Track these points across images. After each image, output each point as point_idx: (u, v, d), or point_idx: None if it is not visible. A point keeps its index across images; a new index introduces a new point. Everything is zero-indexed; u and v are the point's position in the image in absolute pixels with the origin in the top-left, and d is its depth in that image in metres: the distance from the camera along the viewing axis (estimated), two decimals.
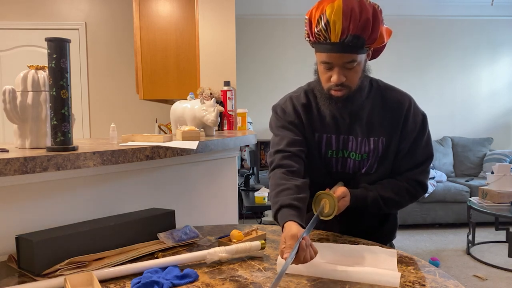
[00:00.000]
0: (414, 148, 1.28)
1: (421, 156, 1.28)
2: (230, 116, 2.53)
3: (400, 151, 1.27)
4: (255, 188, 3.40)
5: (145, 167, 1.39)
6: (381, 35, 1.17)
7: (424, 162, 1.29)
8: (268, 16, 5.20)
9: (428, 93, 5.41)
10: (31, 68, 1.16)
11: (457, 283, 0.88)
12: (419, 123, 1.28)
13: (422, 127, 1.28)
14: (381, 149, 1.25)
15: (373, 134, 1.25)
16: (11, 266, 0.97)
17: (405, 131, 1.26)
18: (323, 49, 1.15)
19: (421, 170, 1.28)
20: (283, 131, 1.30)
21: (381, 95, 1.28)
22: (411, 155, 1.28)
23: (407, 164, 1.28)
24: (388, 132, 1.25)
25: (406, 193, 1.27)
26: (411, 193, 1.28)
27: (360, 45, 1.12)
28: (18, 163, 0.90)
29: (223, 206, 1.85)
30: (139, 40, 3.01)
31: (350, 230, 1.32)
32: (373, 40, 1.14)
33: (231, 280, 0.90)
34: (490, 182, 3.69)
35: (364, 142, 1.26)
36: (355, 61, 1.14)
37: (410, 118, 1.26)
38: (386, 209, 1.28)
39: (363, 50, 1.15)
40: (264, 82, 5.20)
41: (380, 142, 1.25)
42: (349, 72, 1.16)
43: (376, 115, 1.26)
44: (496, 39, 5.42)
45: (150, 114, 4.54)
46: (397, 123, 1.26)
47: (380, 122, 1.26)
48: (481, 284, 3.08)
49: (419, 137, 1.28)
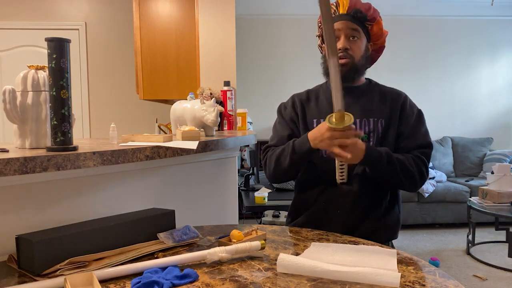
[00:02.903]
0: (414, 132, 1.36)
1: (421, 140, 1.36)
2: (230, 116, 2.53)
3: (401, 134, 1.36)
4: (255, 188, 3.40)
5: (145, 167, 1.39)
6: (379, 22, 1.40)
7: (425, 146, 1.35)
8: (268, 16, 5.20)
9: (428, 93, 5.41)
10: (31, 68, 1.16)
11: (457, 283, 0.88)
12: (416, 113, 1.39)
13: (419, 117, 1.39)
14: (380, 130, 1.35)
15: (372, 115, 1.36)
16: (11, 266, 0.97)
17: (404, 116, 1.37)
18: (334, 21, 1.36)
19: (423, 151, 1.34)
20: (280, 127, 1.47)
21: (379, 89, 1.44)
22: (412, 137, 1.36)
23: (410, 144, 1.35)
24: (387, 114, 1.37)
25: (413, 162, 1.31)
26: (418, 165, 1.31)
27: (363, 19, 1.37)
28: (18, 163, 0.90)
29: (223, 206, 1.85)
30: (139, 40, 3.00)
31: (356, 225, 1.36)
32: (373, 19, 1.38)
33: (231, 280, 0.90)
34: (490, 182, 3.69)
35: (364, 122, 1.36)
36: (358, 32, 1.36)
37: (407, 107, 1.39)
38: (398, 167, 1.28)
39: (365, 27, 1.38)
40: (264, 82, 5.20)
41: (380, 123, 1.35)
42: (353, 43, 1.36)
43: (375, 101, 1.39)
44: (495, 39, 5.42)
45: (150, 114, 4.54)
46: (395, 108, 1.38)
47: (379, 106, 1.38)
48: (481, 284, 3.08)
49: (417, 124, 1.37)
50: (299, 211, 1.47)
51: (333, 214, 1.38)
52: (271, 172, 1.41)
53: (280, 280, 0.89)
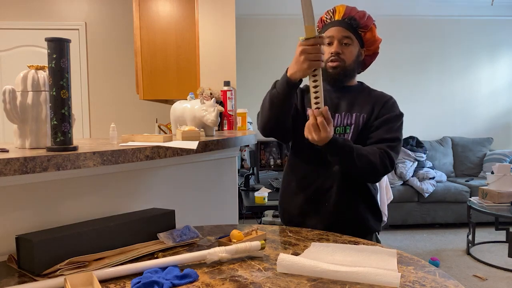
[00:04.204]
0: (386, 124, 1.42)
1: (391, 133, 1.41)
2: (230, 116, 2.53)
3: (373, 126, 1.43)
4: (255, 188, 3.40)
5: (145, 167, 1.39)
6: (373, 30, 1.48)
7: (393, 139, 1.41)
8: (268, 16, 5.20)
9: (428, 93, 5.41)
10: (31, 68, 1.16)
11: (457, 283, 0.88)
12: (396, 112, 1.46)
13: (396, 117, 1.45)
14: (361, 124, 1.44)
15: (356, 110, 1.46)
16: (11, 266, 0.97)
17: (382, 111, 1.45)
18: (328, 27, 1.46)
19: (390, 145, 1.39)
20: None
21: (368, 91, 1.53)
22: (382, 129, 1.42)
23: (377, 135, 1.41)
24: (369, 110, 1.45)
25: (378, 156, 1.36)
26: (382, 159, 1.36)
27: (356, 26, 1.44)
28: (18, 163, 0.90)
29: (223, 206, 1.85)
30: (139, 40, 3.00)
31: (341, 219, 1.44)
32: (365, 26, 1.45)
33: (231, 280, 0.90)
34: (490, 182, 3.69)
35: (348, 116, 1.45)
36: (351, 39, 1.44)
37: (389, 105, 1.46)
38: (357, 161, 1.33)
39: (358, 34, 1.46)
40: (264, 82, 5.19)
41: (361, 118, 1.44)
42: (345, 49, 1.44)
43: (360, 98, 1.48)
44: (496, 39, 5.42)
45: (150, 114, 4.54)
46: (378, 105, 1.46)
47: (363, 103, 1.47)
48: (481, 284, 3.08)
49: (391, 119, 1.43)
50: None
51: (322, 213, 1.46)
52: (258, 120, 1.47)
53: (280, 280, 0.89)
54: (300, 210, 1.49)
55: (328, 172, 1.44)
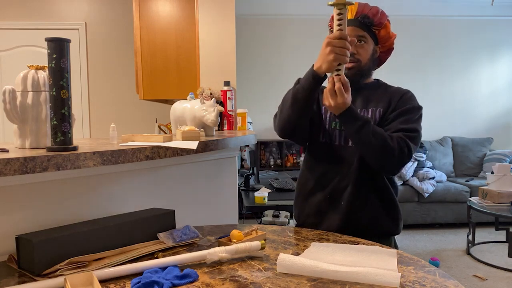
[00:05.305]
0: (404, 115, 1.37)
1: (408, 124, 1.36)
2: (230, 116, 2.53)
3: (390, 117, 1.38)
4: (255, 188, 3.40)
5: (145, 167, 1.39)
6: (387, 26, 1.45)
7: (411, 130, 1.35)
8: (268, 16, 5.20)
9: (428, 93, 5.42)
10: (31, 68, 1.16)
11: (457, 283, 0.88)
12: (414, 104, 1.40)
13: (414, 108, 1.40)
14: (378, 118, 1.40)
15: (372, 105, 1.43)
16: (11, 266, 0.97)
17: (400, 103, 1.40)
18: None
19: (409, 135, 1.34)
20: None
21: (385, 87, 1.50)
22: (399, 120, 1.37)
23: (394, 126, 1.36)
24: (386, 104, 1.41)
25: (396, 140, 1.31)
26: (400, 145, 1.31)
27: (370, 24, 1.41)
28: (18, 163, 0.90)
29: (223, 206, 1.85)
30: (139, 40, 3.00)
31: (356, 218, 1.39)
32: (379, 24, 1.42)
33: (231, 280, 0.90)
34: (490, 182, 3.69)
35: (364, 112, 1.42)
36: (365, 38, 1.42)
37: (407, 98, 1.42)
38: (372, 137, 1.29)
39: (372, 32, 1.43)
40: (264, 82, 5.20)
41: (378, 112, 1.41)
42: (360, 48, 1.42)
43: (377, 94, 1.45)
44: (495, 39, 5.42)
45: (150, 114, 4.54)
46: (395, 98, 1.42)
47: (379, 98, 1.44)
48: (481, 284, 3.08)
49: (409, 110, 1.38)
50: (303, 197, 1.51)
51: (336, 210, 1.42)
52: (276, 121, 1.43)
53: (280, 280, 0.89)
54: (316, 209, 1.45)
55: (345, 171, 1.41)
